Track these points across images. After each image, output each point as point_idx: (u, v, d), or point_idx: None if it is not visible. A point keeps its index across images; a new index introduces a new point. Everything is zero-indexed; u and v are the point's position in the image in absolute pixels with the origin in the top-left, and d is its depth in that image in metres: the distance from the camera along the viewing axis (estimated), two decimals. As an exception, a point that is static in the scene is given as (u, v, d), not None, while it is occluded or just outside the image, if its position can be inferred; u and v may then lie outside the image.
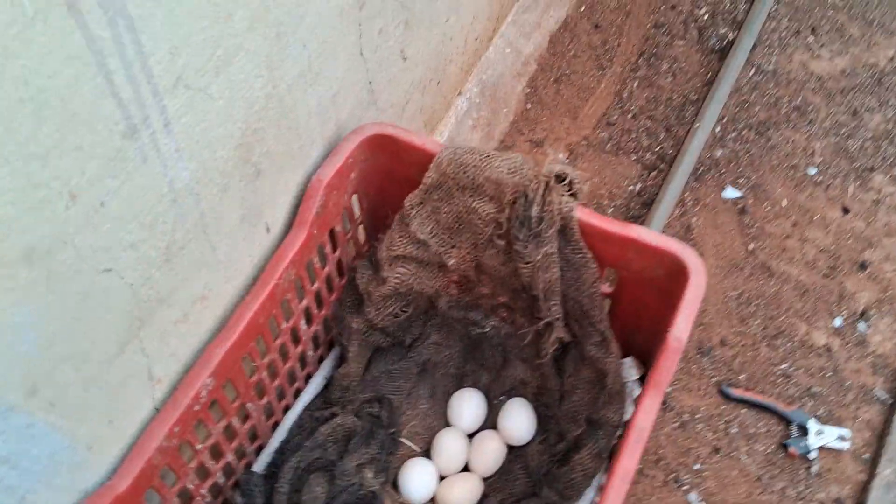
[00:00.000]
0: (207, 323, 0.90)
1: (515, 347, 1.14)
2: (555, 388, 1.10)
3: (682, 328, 0.88)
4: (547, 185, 0.94)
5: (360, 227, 1.13)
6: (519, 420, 1.11)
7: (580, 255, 0.97)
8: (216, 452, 0.97)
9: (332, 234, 1.05)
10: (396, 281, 1.05)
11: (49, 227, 0.61)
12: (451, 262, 1.03)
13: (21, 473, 0.70)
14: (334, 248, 1.07)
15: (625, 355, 1.07)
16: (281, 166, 0.92)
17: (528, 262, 0.97)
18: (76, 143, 0.60)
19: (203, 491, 0.97)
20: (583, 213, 0.95)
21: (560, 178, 0.94)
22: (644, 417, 0.85)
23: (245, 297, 0.93)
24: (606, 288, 1.04)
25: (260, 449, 1.08)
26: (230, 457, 1.00)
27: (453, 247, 1.03)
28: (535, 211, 0.94)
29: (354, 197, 1.08)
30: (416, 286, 1.06)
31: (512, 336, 1.14)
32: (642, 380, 1.07)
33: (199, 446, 0.92)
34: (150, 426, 0.84)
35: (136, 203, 0.70)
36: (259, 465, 1.06)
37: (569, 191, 0.95)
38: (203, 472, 0.96)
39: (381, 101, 1.12)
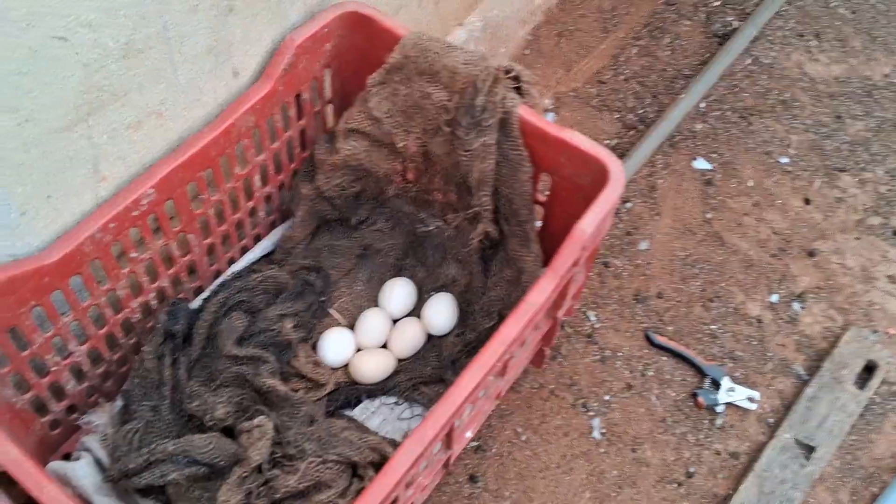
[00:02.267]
0: (161, 142, 0.97)
1: (453, 249, 1.20)
2: (479, 286, 1.16)
3: (589, 221, 0.93)
4: (496, 77, 1.00)
5: (330, 107, 1.20)
6: (441, 311, 1.17)
7: (517, 153, 1.03)
8: (152, 272, 1.04)
9: (298, 100, 1.12)
10: (347, 152, 1.11)
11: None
12: (401, 144, 1.10)
13: (-48, 205, 0.77)
14: (300, 116, 1.14)
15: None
16: (255, 13, 0.99)
17: (467, 150, 1.03)
18: None
19: (134, 305, 1.04)
20: (524, 112, 1.01)
21: (508, 72, 1.00)
22: (536, 295, 0.91)
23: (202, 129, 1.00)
24: (541, 196, 1.10)
25: (199, 291, 1.15)
26: (165, 282, 1.07)
27: (405, 130, 1.09)
28: (480, 100, 1.00)
29: (327, 72, 1.15)
30: (366, 163, 1.12)
31: (453, 238, 1.20)
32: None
33: (133, 254, 0.99)
34: (88, 217, 0.91)
35: (100, -18, 0.77)
36: (194, 304, 1.13)
37: (517, 88, 1.01)
38: (136, 287, 1.03)
39: (371, -8, 1.18)
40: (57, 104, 0.80)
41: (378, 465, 0.97)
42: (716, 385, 1.29)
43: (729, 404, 1.28)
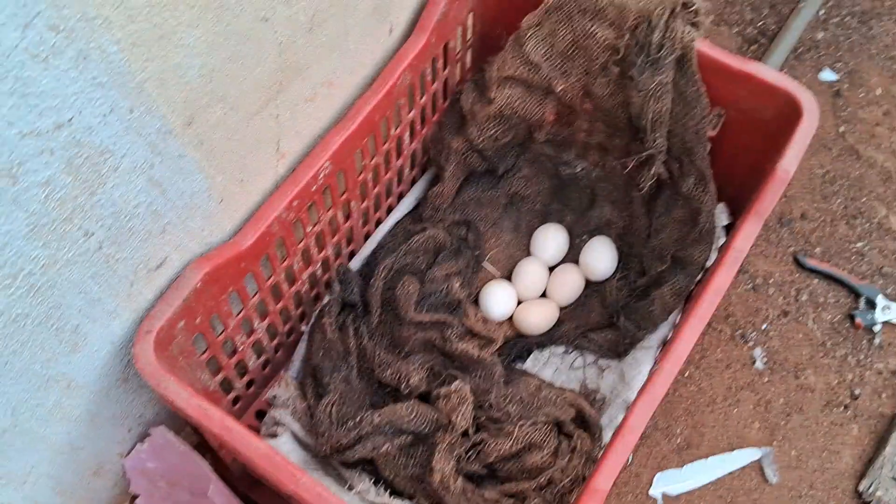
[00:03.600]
0: (330, 110, 0.94)
1: (604, 190, 1.17)
2: (642, 228, 1.13)
3: (790, 161, 0.89)
4: (672, 11, 0.95)
5: (468, 52, 1.15)
6: (600, 256, 1.15)
7: (694, 88, 0.98)
8: (319, 242, 1.02)
9: (445, 50, 1.07)
10: (503, 102, 1.07)
11: (229, -46, 0.64)
12: (560, 87, 1.05)
13: (168, 203, 0.75)
14: (444, 65, 1.09)
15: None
16: (413, -36, 0.94)
17: (640, 90, 0.98)
18: None
19: (304, 277, 1.02)
20: (702, 45, 0.96)
21: (686, 5, 0.95)
22: (742, 240, 0.88)
23: (365, 92, 0.96)
24: (710, 132, 1.05)
25: (352, 255, 1.13)
26: (330, 251, 1.05)
27: (564, 73, 1.05)
28: (656, 37, 0.95)
29: (470, 17, 1.09)
30: (520, 111, 1.08)
31: (602, 179, 1.16)
32: (728, 229, 1.10)
33: (308, 229, 0.97)
34: (274, 195, 0.88)
35: (295, -44, 0.73)
36: (354, 266, 1.11)
37: (692, 21, 0.96)
38: (307, 258, 1.01)
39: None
40: (255, 87, 0.77)
41: (577, 421, 0.97)
42: (871, 305, 1.27)
43: (886, 323, 1.26)
